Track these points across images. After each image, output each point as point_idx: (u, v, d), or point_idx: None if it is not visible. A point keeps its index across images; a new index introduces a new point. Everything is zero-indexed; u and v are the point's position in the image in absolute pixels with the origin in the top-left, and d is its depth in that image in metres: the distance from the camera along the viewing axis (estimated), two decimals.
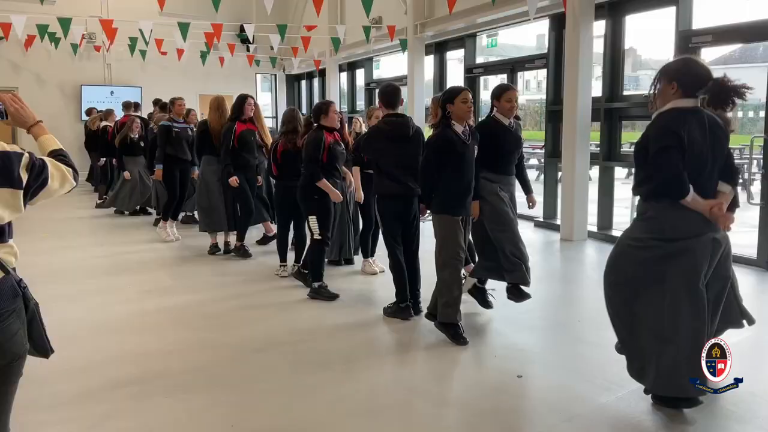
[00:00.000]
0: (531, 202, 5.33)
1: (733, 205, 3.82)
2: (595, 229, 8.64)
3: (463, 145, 4.60)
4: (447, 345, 4.56)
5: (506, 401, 3.71)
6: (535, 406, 3.61)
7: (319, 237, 5.76)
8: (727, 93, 3.30)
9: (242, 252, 7.41)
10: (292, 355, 4.42)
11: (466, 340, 4.56)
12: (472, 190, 4.75)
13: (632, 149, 3.73)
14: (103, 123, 12.16)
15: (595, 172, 9.24)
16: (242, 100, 7.19)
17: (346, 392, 3.80)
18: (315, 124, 5.81)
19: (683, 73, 3.31)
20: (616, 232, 8.46)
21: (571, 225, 8.44)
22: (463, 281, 4.94)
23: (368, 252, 6.74)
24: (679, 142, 3.20)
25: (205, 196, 7.62)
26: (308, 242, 6.08)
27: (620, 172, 10.60)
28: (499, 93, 4.98)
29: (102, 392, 3.80)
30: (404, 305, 5.16)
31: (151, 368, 4.17)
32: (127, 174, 10.32)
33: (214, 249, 7.68)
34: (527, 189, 5.34)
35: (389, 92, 5.20)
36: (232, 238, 7.67)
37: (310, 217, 5.79)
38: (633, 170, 11.09)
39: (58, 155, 2.42)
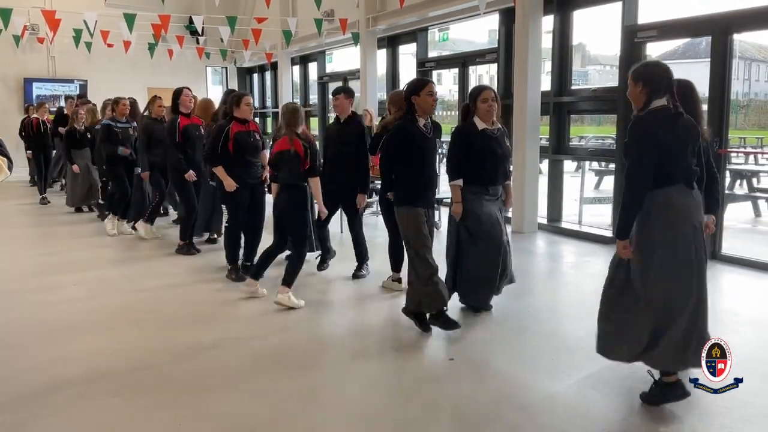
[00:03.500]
0: None
1: (713, 208, 3.77)
2: (545, 221, 8.77)
3: (424, 139, 4.55)
4: (396, 337, 4.60)
5: (456, 391, 3.75)
6: (485, 396, 3.64)
7: (227, 224, 6.28)
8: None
9: (185, 250, 7.20)
10: (245, 352, 4.37)
11: (429, 328, 4.61)
12: (434, 185, 4.74)
13: (581, 143, 3.81)
14: (34, 115, 11.84)
15: (544, 165, 9.39)
16: (178, 93, 7.17)
17: (297, 388, 3.78)
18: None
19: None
20: (566, 224, 8.63)
21: (522, 217, 8.55)
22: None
23: (398, 266, 5.80)
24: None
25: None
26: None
27: (569, 165, 10.77)
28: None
29: (47, 393, 3.69)
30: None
31: (97, 367, 4.07)
32: (75, 167, 10.02)
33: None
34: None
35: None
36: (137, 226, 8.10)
37: (223, 205, 6.24)
38: (579, 163, 11.23)
39: None
